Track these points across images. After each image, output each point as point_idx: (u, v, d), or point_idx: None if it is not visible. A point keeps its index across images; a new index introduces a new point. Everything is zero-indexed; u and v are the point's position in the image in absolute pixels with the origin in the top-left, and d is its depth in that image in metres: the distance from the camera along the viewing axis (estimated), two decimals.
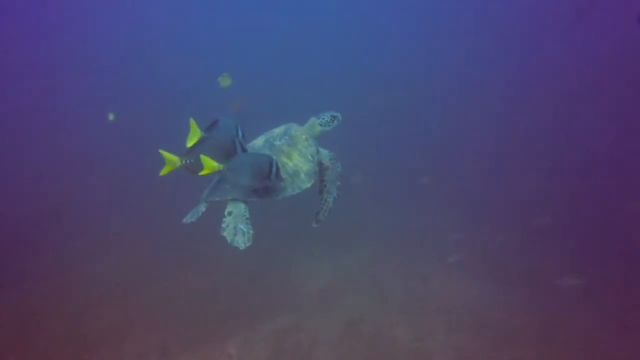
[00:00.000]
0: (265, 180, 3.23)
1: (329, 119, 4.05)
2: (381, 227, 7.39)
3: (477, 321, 5.20)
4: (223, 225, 3.39)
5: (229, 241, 3.30)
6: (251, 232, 3.34)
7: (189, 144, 3.06)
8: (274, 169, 3.19)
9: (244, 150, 3.22)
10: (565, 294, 5.53)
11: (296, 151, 3.73)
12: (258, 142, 3.82)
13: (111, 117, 7.13)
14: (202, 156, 2.94)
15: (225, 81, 5.84)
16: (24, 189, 9.09)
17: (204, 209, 3.53)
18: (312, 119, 4.09)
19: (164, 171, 3.05)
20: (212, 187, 3.61)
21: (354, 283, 5.97)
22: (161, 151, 2.99)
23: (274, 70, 13.83)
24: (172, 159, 3.02)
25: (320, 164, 3.94)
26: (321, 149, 4.02)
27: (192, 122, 3.06)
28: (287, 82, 12.81)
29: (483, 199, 8.07)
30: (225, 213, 3.44)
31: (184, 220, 3.51)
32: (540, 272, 6.07)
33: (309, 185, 3.71)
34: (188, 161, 3.01)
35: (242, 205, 3.46)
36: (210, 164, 2.98)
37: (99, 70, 14.01)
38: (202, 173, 3.01)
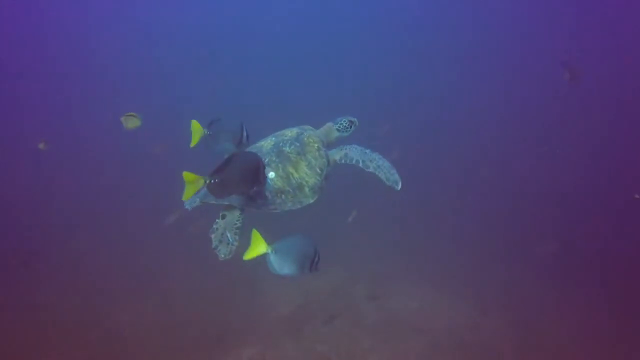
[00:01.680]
0: (255, 183, 2.92)
1: (346, 124, 3.82)
2: (357, 248, 7.07)
3: (456, 343, 4.97)
4: (214, 226, 3.32)
5: (213, 245, 3.24)
6: (235, 244, 3.22)
7: (193, 143, 2.93)
8: (262, 169, 2.91)
9: (264, 167, 2.94)
10: (549, 315, 5.43)
11: (305, 161, 3.47)
12: (266, 145, 3.54)
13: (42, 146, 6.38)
14: (185, 173, 2.60)
15: (131, 122, 4.66)
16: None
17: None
18: (329, 124, 3.85)
19: (186, 195, 2.68)
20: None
21: (326, 307, 5.62)
22: (185, 174, 2.61)
23: (293, 77, 13.43)
24: (193, 180, 2.63)
25: (338, 160, 3.69)
26: (330, 152, 3.74)
27: (194, 122, 2.92)
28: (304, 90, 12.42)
29: (471, 222, 7.71)
30: (220, 215, 3.37)
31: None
32: (522, 294, 5.93)
33: (311, 201, 3.47)
34: (213, 181, 2.65)
35: (237, 213, 3.35)
36: (192, 180, 2.63)
37: (103, 71, 13.27)
38: (186, 193, 2.66)
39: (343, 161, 3.65)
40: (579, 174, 8.55)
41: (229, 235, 3.24)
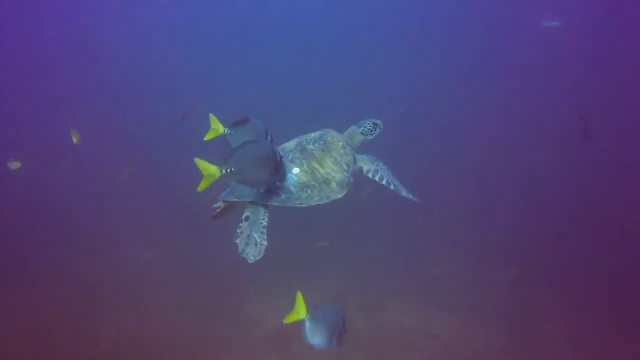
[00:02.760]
0: (274, 173, 2.84)
1: (370, 127, 3.73)
2: (352, 260, 6.79)
3: (449, 356, 4.72)
4: (238, 231, 3.12)
5: (239, 250, 3.02)
6: (264, 244, 3.04)
7: (208, 137, 2.78)
8: (278, 157, 2.82)
9: (281, 158, 2.90)
10: (541, 327, 5.16)
11: (330, 158, 3.39)
12: (289, 145, 3.47)
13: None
14: (197, 160, 2.56)
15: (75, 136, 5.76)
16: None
17: (220, 208, 3.29)
18: (352, 127, 3.75)
19: (202, 186, 2.63)
20: (231, 187, 3.30)
21: None
22: (197, 160, 2.58)
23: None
24: (210, 170, 2.60)
25: (364, 170, 3.61)
26: (359, 155, 3.68)
27: (212, 116, 2.79)
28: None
29: (466, 236, 7.35)
30: (242, 218, 3.18)
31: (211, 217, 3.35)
32: (515, 305, 5.69)
33: (339, 196, 3.33)
34: (229, 170, 2.61)
35: (262, 211, 3.17)
36: (208, 169, 2.60)
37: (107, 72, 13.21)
38: (202, 184, 2.62)
39: (370, 175, 3.55)
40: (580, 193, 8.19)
41: (256, 235, 3.06)
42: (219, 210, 3.33)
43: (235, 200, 3.17)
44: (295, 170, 3.25)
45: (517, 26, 13.07)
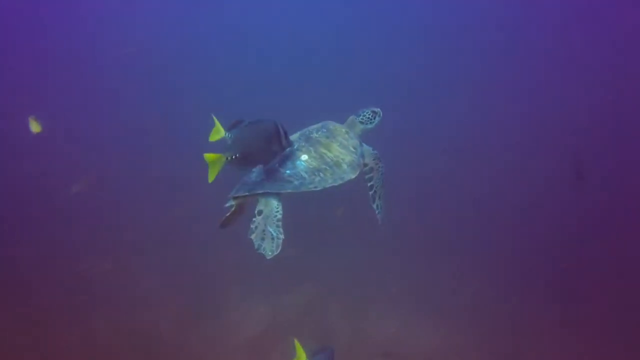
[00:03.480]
0: (276, 146, 2.90)
1: (370, 115, 3.69)
2: (334, 263, 6.53)
3: None
4: (252, 226, 3.02)
5: (255, 246, 2.94)
6: (281, 237, 2.96)
7: (212, 138, 2.81)
8: (281, 130, 2.88)
9: (287, 135, 2.92)
10: (533, 345, 5.14)
11: (336, 142, 3.41)
12: (292, 137, 3.43)
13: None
14: (206, 155, 2.65)
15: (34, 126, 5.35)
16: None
17: (233, 208, 3.17)
18: (352, 117, 3.73)
19: (211, 176, 2.73)
20: (241, 182, 3.24)
21: (294, 329, 5.18)
22: (206, 155, 2.67)
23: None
24: (215, 159, 2.68)
25: (364, 163, 3.59)
26: (365, 145, 3.68)
27: (215, 119, 2.83)
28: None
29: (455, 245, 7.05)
30: (255, 212, 3.08)
31: (219, 224, 3.20)
32: (496, 315, 5.61)
33: (352, 176, 3.33)
34: (233, 157, 2.71)
35: (275, 203, 3.08)
36: (213, 159, 2.68)
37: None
38: (210, 174, 2.72)
39: (365, 169, 3.57)
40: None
41: (271, 230, 2.96)
42: (230, 212, 3.18)
43: (246, 194, 3.06)
44: (304, 157, 3.22)
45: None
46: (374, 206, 3.57)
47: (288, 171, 3.13)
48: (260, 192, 3.06)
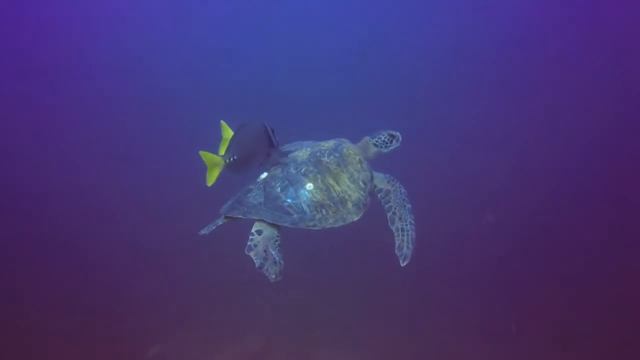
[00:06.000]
0: (266, 145, 2.91)
1: (386, 139, 3.41)
2: (282, 308, 5.48)
3: None
4: (250, 243, 2.79)
5: (257, 265, 2.70)
6: (282, 263, 2.74)
7: (222, 149, 2.82)
8: (269, 130, 2.88)
9: (274, 133, 2.95)
10: None
11: (346, 173, 3.09)
12: (302, 155, 3.19)
13: None
14: (202, 152, 2.68)
15: None
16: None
17: (221, 223, 2.95)
18: (366, 138, 3.45)
19: (210, 179, 2.73)
20: (236, 199, 3.01)
21: None
22: (202, 153, 2.67)
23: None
24: (215, 160, 2.69)
25: (376, 189, 3.25)
26: (375, 173, 3.32)
27: (224, 124, 2.85)
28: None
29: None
30: (254, 231, 2.86)
31: (201, 231, 2.95)
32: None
33: (355, 218, 3.01)
34: (232, 159, 2.73)
35: (276, 230, 2.89)
36: (212, 159, 2.70)
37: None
38: (210, 177, 2.73)
39: (379, 195, 3.19)
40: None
41: (273, 252, 2.76)
42: (216, 227, 2.92)
43: (240, 216, 2.85)
44: (309, 186, 2.95)
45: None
46: (393, 229, 3.05)
47: (289, 200, 2.88)
48: (255, 218, 2.85)
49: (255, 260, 2.68)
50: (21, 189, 7.70)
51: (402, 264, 2.90)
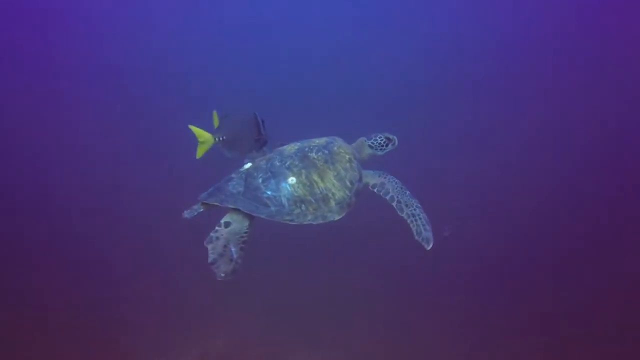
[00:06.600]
0: (255, 133, 3.06)
1: (382, 142, 3.38)
2: (255, 309, 5.20)
3: None
4: (212, 234, 2.73)
5: (210, 259, 2.63)
6: (239, 262, 2.64)
7: (201, 153, 3.04)
8: (259, 120, 3.04)
9: (264, 124, 3.11)
10: None
11: (333, 171, 3.01)
12: (289, 149, 3.12)
13: None
14: (192, 127, 2.89)
15: None
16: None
17: (201, 210, 2.95)
18: (362, 138, 3.44)
19: (199, 152, 2.94)
20: (216, 186, 2.98)
21: None
22: (191, 127, 2.89)
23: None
24: (205, 137, 2.92)
25: (370, 185, 3.20)
26: (365, 171, 3.26)
27: (215, 114, 3.02)
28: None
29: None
30: (222, 222, 2.81)
31: (184, 213, 2.97)
32: None
33: (337, 217, 2.94)
34: (222, 138, 2.94)
35: (246, 224, 2.82)
36: (204, 135, 2.94)
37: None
38: (199, 151, 2.97)
39: (376, 190, 3.14)
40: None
41: (233, 249, 2.66)
42: (196, 213, 2.94)
43: (217, 204, 2.82)
44: (292, 179, 2.87)
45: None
46: (404, 216, 2.99)
47: (269, 192, 2.83)
48: (232, 207, 2.80)
49: (210, 255, 2.61)
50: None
51: (428, 248, 2.84)
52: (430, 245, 2.84)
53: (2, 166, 7.85)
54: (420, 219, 2.95)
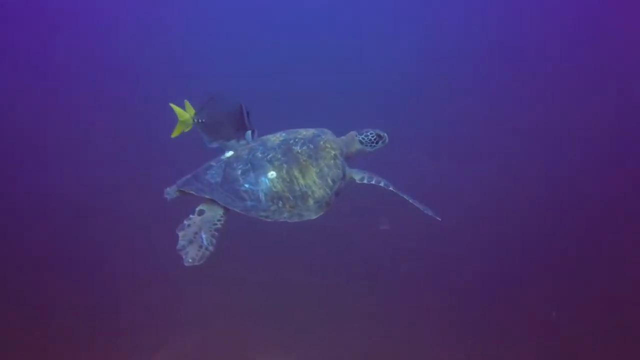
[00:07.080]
0: (237, 123, 3.00)
1: (373, 138, 3.31)
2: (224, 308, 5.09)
3: None
4: (186, 222, 2.74)
5: (178, 246, 2.63)
6: (210, 249, 2.63)
7: (177, 132, 3.00)
8: (244, 111, 2.98)
9: (249, 115, 3.04)
10: None
11: (316, 168, 2.94)
12: (274, 139, 3.06)
13: None
14: (172, 105, 2.90)
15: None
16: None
17: (175, 196, 2.94)
18: (353, 132, 3.36)
19: (176, 132, 2.96)
20: (194, 174, 2.97)
21: None
22: (172, 105, 2.90)
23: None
24: (184, 117, 2.91)
25: (357, 179, 3.20)
26: (349, 169, 3.20)
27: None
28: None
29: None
30: (196, 210, 2.81)
31: (165, 194, 2.97)
32: None
33: (314, 216, 2.90)
34: (201, 120, 2.93)
35: (220, 212, 2.79)
36: (184, 115, 2.92)
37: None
38: (176, 130, 2.97)
39: (365, 181, 3.12)
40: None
41: (204, 236, 2.65)
42: (171, 198, 2.95)
43: (192, 193, 2.81)
44: (272, 174, 2.81)
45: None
46: (405, 197, 3.05)
47: (247, 185, 2.78)
48: (207, 197, 2.77)
49: (179, 241, 2.61)
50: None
51: (439, 218, 2.99)
52: (439, 216, 3.01)
53: (2, 166, 7.90)
54: (415, 201, 3.06)
